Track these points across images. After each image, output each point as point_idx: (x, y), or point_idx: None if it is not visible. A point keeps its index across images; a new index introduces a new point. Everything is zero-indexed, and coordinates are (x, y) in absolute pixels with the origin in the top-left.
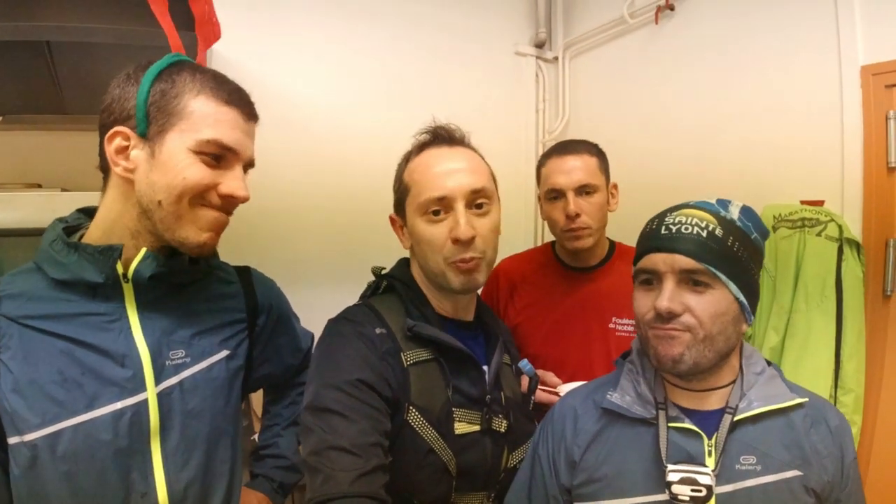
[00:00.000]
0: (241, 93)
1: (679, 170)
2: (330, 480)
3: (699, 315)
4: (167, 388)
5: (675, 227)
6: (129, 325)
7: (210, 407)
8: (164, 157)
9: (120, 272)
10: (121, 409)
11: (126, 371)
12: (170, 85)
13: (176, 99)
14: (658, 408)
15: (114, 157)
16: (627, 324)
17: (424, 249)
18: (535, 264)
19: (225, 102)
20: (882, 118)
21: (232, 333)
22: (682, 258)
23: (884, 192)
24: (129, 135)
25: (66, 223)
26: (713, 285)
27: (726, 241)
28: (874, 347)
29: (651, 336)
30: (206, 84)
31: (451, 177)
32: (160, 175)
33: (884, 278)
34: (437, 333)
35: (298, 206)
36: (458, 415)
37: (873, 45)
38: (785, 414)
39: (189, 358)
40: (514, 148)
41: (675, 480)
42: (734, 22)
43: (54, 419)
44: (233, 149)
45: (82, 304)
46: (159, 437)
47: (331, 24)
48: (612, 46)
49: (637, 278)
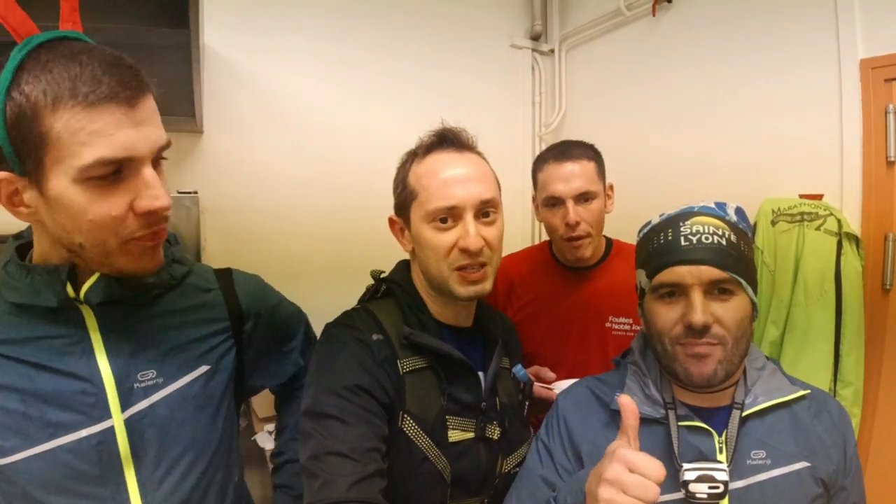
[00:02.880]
0: (110, 74)
1: (678, 163)
2: (328, 485)
3: (727, 324)
4: (137, 413)
5: (695, 238)
6: (91, 348)
7: (192, 426)
8: (53, 196)
9: (72, 295)
10: (86, 436)
11: (89, 398)
12: (20, 104)
13: (33, 123)
14: (667, 408)
15: (8, 206)
16: (624, 322)
17: (429, 255)
18: (532, 264)
19: (91, 103)
20: (881, 112)
21: (214, 345)
22: (710, 269)
23: (883, 186)
24: (13, 179)
25: (21, 240)
26: (736, 292)
27: (739, 245)
28: (873, 341)
29: (680, 353)
30: (61, 87)
31: (460, 185)
32: (64, 217)
33: (883, 272)
34: (433, 342)
35: (293, 205)
36: (452, 423)
37: (872, 38)
38: (789, 407)
39: (161, 378)
40: (511, 142)
41: (691, 479)
42: (732, 14)
43: (14, 448)
44: (127, 158)
45: (42, 328)
46: (132, 465)
47: (325, 19)
48: (609, 39)
49: (655, 292)
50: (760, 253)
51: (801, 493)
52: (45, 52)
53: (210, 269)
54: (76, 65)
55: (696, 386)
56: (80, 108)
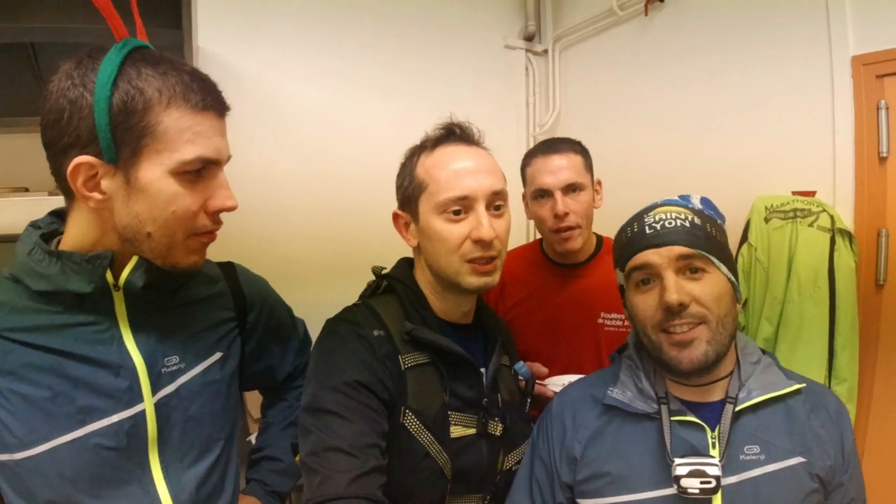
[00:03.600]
0: (210, 88)
1: (671, 161)
2: (327, 481)
3: (705, 301)
4: (164, 396)
5: (658, 224)
6: (120, 335)
7: (209, 412)
8: (142, 184)
9: (110, 282)
10: (118, 421)
11: (122, 382)
12: (133, 96)
13: (145, 115)
14: (660, 402)
15: (82, 190)
16: (616, 318)
17: (439, 248)
18: (524, 262)
19: (200, 109)
20: (873, 108)
21: (224, 333)
22: (677, 247)
23: (875, 182)
24: (95, 164)
25: (40, 229)
26: (708, 269)
27: (705, 227)
28: (867, 337)
29: (664, 342)
30: (176, 89)
31: (472, 176)
32: (143, 206)
33: (876, 268)
34: (436, 338)
35: (289, 204)
36: (454, 418)
37: (864, 35)
38: (784, 401)
39: (184, 364)
40: (505, 141)
41: (683, 474)
42: (724, 13)
43: (40, 438)
44: (216, 160)
45: (68, 315)
46: (157, 448)
47: (319, 22)
48: (602, 39)
49: (630, 280)
50: (754, 250)
51: (796, 489)
52: (151, 55)
53: (213, 263)
54: (185, 75)
55: (685, 373)
56: (189, 111)
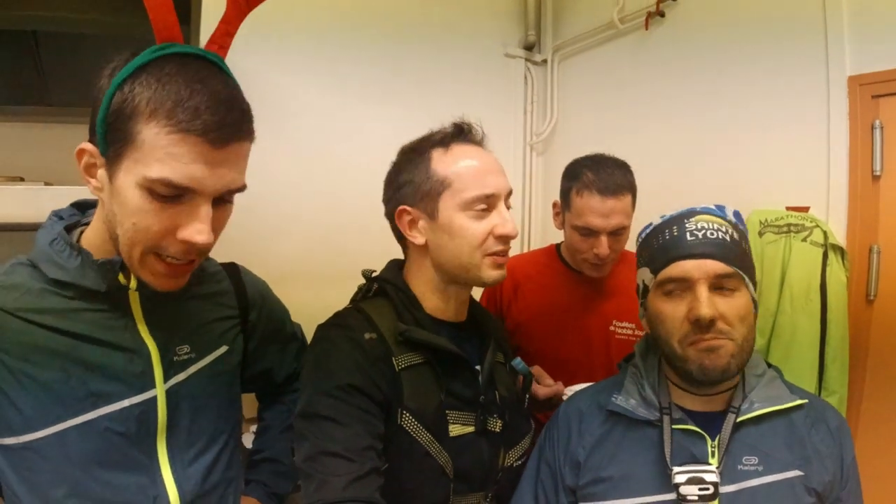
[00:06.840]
0: (212, 112)
1: (667, 174)
2: (324, 486)
3: (730, 320)
4: (175, 384)
5: (700, 234)
6: (134, 323)
7: (216, 403)
8: (116, 186)
9: (123, 283)
10: (129, 406)
11: (135, 367)
12: (126, 100)
13: (130, 121)
14: (662, 412)
15: (84, 173)
16: (627, 327)
17: (461, 244)
18: (539, 265)
19: (182, 130)
20: (868, 127)
21: (228, 328)
22: (715, 263)
23: (868, 199)
24: (94, 153)
25: (63, 220)
26: (739, 289)
27: (741, 244)
28: (857, 350)
29: (691, 352)
30: (163, 103)
31: (493, 175)
32: (117, 208)
33: (867, 283)
34: (429, 337)
35: (287, 207)
36: (452, 417)
37: (861, 55)
38: (786, 415)
39: (194, 353)
40: (503, 148)
41: (682, 482)
42: (724, 29)
43: (57, 419)
44: (188, 188)
45: (84, 302)
46: (165, 436)
47: (321, 26)
48: (602, 51)
49: (661, 288)
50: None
51: (792, 502)
52: (172, 66)
53: (216, 262)
54: (188, 90)
55: (711, 380)
56: (170, 130)
